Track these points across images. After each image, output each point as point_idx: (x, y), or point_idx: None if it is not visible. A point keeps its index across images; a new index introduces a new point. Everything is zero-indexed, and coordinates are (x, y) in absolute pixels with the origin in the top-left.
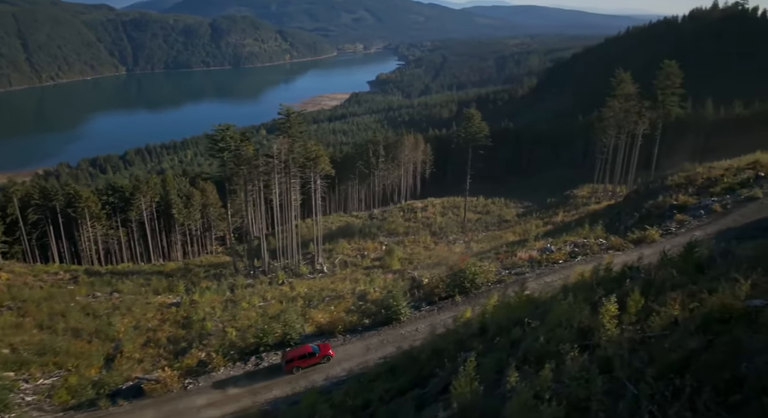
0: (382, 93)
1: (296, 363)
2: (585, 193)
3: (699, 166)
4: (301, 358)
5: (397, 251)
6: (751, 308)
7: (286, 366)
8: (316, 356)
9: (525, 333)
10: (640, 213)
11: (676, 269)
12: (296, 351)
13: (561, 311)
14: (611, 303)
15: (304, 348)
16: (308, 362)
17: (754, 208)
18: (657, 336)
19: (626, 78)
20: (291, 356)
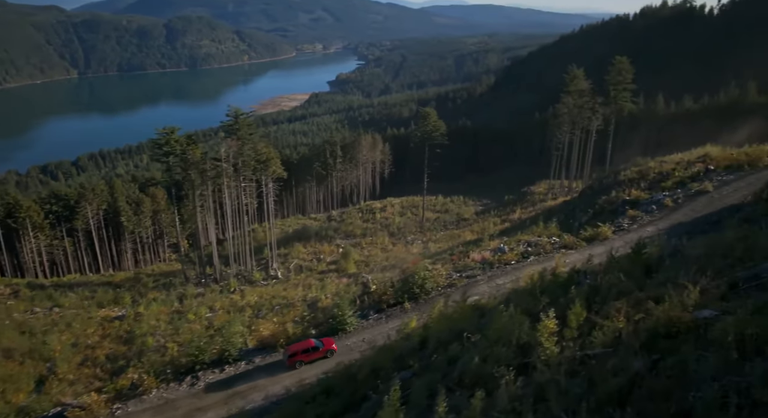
0: (342, 93)
1: (300, 358)
2: (542, 189)
3: (651, 160)
4: (305, 352)
5: (353, 253)
6: (699, 320)
7: (288, 361)
8: (320, 351)
9: (463, 349)
10: (593, 209)
11: (623, 272)
12: (299, 345)
13: (500, 325)
14: (550, 319)
15: (307, 342)
16: (312, 357)
17: (704, 201)
18: (599, 355)
19: (579, 74)
20: (294, 351)
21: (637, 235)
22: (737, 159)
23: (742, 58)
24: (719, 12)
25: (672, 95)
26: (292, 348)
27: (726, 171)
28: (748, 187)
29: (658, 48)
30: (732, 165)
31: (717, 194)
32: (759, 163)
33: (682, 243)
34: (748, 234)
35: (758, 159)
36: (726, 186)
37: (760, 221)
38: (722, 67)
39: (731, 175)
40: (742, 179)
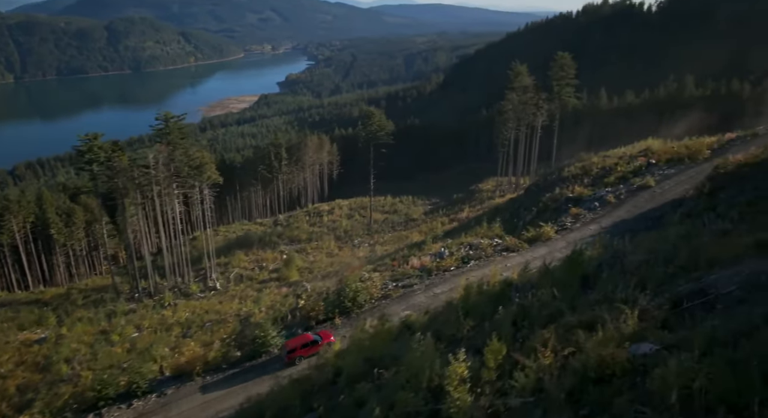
0: (292, 94)
1: (299, 353)
2: (490, 186)
3: (594, 155)
4: (304, 347)
5: (296, 260)
6: (637, 359)
7: (287, 357)
8: (319, 345)
9: (373, 389)
10: (537, 207)
11: (558, 285)
12: (297, 340)
13: (413, 361)
14: (460, 362)
15: (305, 337)
16: (311, 351)
17: (646, 197)
18: (517, 408)
19: (522, 70)
20: (293, 346)
21: (580, 234)
22: (678, 152)
23: (679, 52)
24: (657, 9)
25: (614, 90)
26: (291, 344)
27: (667, 165)
28: (689, 181)
29: (600, 44)
30: (673, 159)
31: (659, 189)
32: (699, 156)
33: (623, 245)
34: (691, 231)
35: (698, 152)
36: (667, 180)
37: (702, 216)
38: (661, 61)
39: (672, 169)
40: (682, 173)
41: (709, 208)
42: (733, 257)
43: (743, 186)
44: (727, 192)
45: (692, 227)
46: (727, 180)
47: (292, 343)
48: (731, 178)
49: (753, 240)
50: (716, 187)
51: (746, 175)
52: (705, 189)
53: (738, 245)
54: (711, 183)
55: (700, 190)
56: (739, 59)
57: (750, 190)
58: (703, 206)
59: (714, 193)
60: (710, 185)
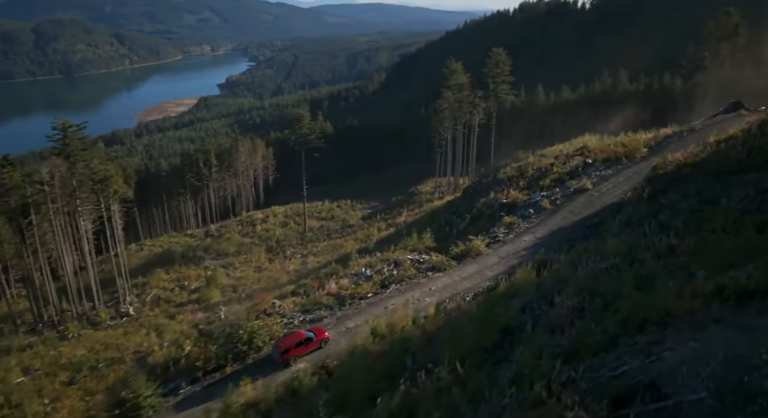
0: (233, 96)
1: (294, 353)
2: (429, 188)
3: (531, 154)
4: (299, 346)
5: (220, 277)
6: None
7: (282, 358)
8: (314, 342)
9: None
10: (471, 214)
11: (468, 348)
12: (290, 339)
13: None
14: None
15: (298, 335)
16: (306, 350)
17: (583, 201)
18: None
19: (458, 68)
20: (286, 346)
21: (514, 247)
22: (614, 151)
23: (613, 48)
24: (591, 6)
25: (551, 87)
26: (284, 344)
27: (604, 164)
28: (627, 182)
29: (536, 41)
30: (609, 158)
31: (596, 192)
32: (636, 154)
33: (555, 275)
34: (633, 245)
35: (635, 150)
36: (605, 182)
37: (642, 223)
38: (596, 58)
39: (609, 170)
40: (620, 173)
41: (650, 214)
42: (690, 313)
43: (685, 189)
44: (668, 196)
45: (633, 239)
46: (668, 182)
47: (284, 343)
48: (671, 180)
49: (713, 286)
50: (656, 191)
51: (687, 177)
52: (644, 193)
53: (695, 292)
54: (650, 186)
55: (639, 195)
56: (669, 53)
57: (693, 194)
58: (643, 213)
59: (654, 197)
60: (650, 188)
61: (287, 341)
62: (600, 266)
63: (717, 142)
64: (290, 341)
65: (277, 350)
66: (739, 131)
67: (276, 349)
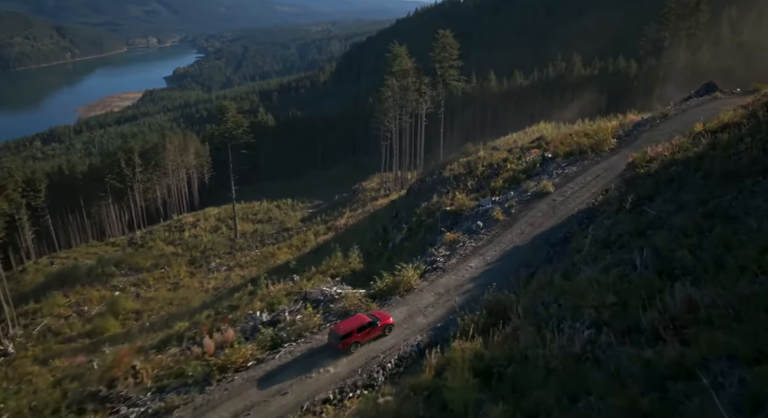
0: (180, 89)
1: (356, 338)
2: (375, 184)
3: (481, 147)
4: (361, 331)
5: (123, 302)
6: None
7: (341, 344)
8: (378, 328)
9: None
10: (410, 222)
11: None
12: (352, 323)
13: None
14: None
15: (360, 318)
16: (370, 336)
17: (544, 208)
18: None
19: (401, 52)
20: (348, 330)
21: (455, 278)
22: (578, 142)
23: (567, 32)
24: None
25: (503, 73)
26: (344, 327)
27: (566, 159)
28: (597, 183)
29: (487, 26)
30: (572, 151)
31: (559, 196)
32: (603, 146)
33: None
34: (623, 292)
35: (602, 142)
36: (569, 183)
37: (628, 246)
38: (549, 42)
39: (573, 166)
40: (587, 170)
41: (637, 232)
42: None
43: (679, 196)
44: (657, 205)
45: (618, 275)
46: (653, 185)
47: (345, 326)
48: (658, 182)
49: None
50: (641, 198)
51: (680, 178)
52: (626, 202)
53: None
54: (630, 189)
55: (618, 202)
56: (628, 36)
57: (693, 204)
58: (626, 229)
59: (639, 207)
60: (631, 194)
61: (348, 325)
62: (582, 336)
63: (711, 133)
64: (351, 324)
65: (336, 335)
66: (738, 118)
67: (335, 333)
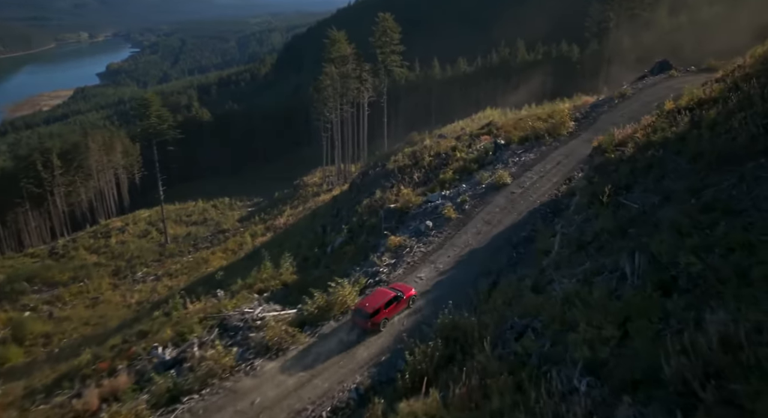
0: (114, 85)
1: (384, 314)
2: (317, 179)
3: (427, 136)
4: (389, 306)
5: (32, 324)
6: None
7: (371, 323)
8: (403, 301)
9: None
10: (351, 222)
11: None
12: (377, 298)
13: None
14: None
15: (383, 293)
16: (397, 310)
17: (502, 202)
18: None
19: (340, 37)
20: (375, 307)
21: None
22: (533, 127)
23: (509, 18)
24: None
25: (447, 60)
26: (371, 304)
27: (522, 145)
28: (559, 170)
29: (430, 14)
30: (528, 136)
31: (518, 188)
32: (561, 130)
33: None
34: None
35: (560, 125)
36: (528, 172)
37: (608, 248)
38: (493, 28)
39: (530, 153)
40: (545, 157)
41: (617, 231)
42: None
43: (663, 184)
44: (636, 196)
45: (604, 292)
46: (629, 171)
47: (371, 302)
48: (634, 168)
49: None
50: (617, 188)
51: (658, 163)
52: (603, 194)
53: None
54: (603, 178)
55: (590, 195)
56: (573, 19)
57: (683, 194)
58: (604, 226)
59: (615, 199)
60: (608, 185)
61: (374, 301)
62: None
63: (687, 110)
64: (378, 300)
65: (363, 313)
66: (717, 92)
67: (361, 312)
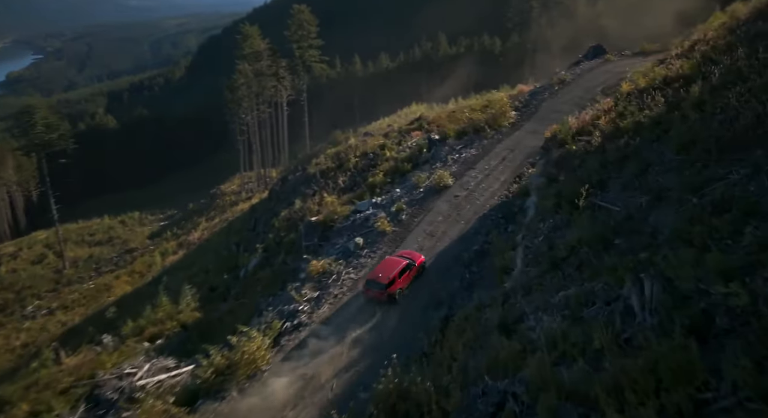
0: (15, 95)
1: (399, 284)
2: (235, 187)
3: (352, 134)
4: (402, 275)
5: None
6: None
7: (386, 295)
8: (414, 268)
9: None
10: (267, 239)
11: None
12: (389, 268)
13: None
14: None
15: (395, 262)
16: (410, 279)
17: (445, 210)
18: None
19: (253, 32)
20: (390, 276)
21: (328, 342)
22: (471, 119)
23: (431, 12)
24: None
25: (369, 56)
26: (385, 273)
27: (459, 140)
28: (504, 167)
29: (350, 10)
30: (465, 130)
31: (461, 190)
32: (502, 121)
33: None
34: None
35: (501, 115)
36: (470, 171)
37: (582, 259)
38: (414, 23)
39: (471, 148)
40: (489, 152)
41: (600, 241)
42: None
43: (646, 179)
44: (617, 196)
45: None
46: (599, 166)
47: (384, 272)
48: (605, 162)
49: None
50: (589, 187)
51: (635, 154)
52: (577, 196)
53: None
54: (567, 175)
55: (556, 195)
56: (488, 14)
57: (677, 189)
58: (581, 237)
59: (587, 199)
60: (580, 184)
61: (387, 270)
62: None
63: (654, 90)
64: (391, 269)
65: (377, 284)
66: (686, 69)
67: (375, 283)
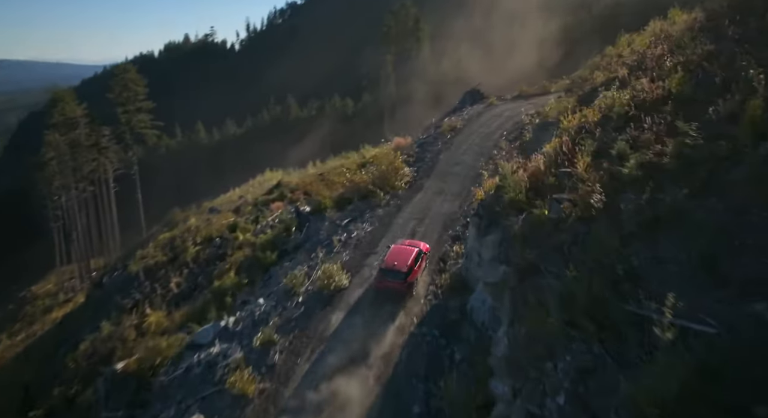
0: None
1: (415, 273)
2: (51, 286)
3: (193, 211)
4: (418, 261)
5: None
6: None
7: (405, 284)
8: (424, 257)
9: None
10: (53, 397)
11: None
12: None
13: None
14: None
15: (406, 250)
16: (422, 269)
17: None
18: None
19: (64, 96)
20: (408, 263)
21: None
22: (353, 181)
23: (277, 77)
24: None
25: (214, 123)
26: (401, 261)
27: (340, 211)
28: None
29: (188, 80)
30: (346, 196)
31: (364, 292)
32: (394, 182)
33: None
34: None
35: (393, 173)
36: (371, 257)
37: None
38: (262, 88)
39: (361, 222)
40: (388, 227)
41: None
42: None
43: None
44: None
45: None
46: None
47: (400, 260)
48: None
49: None
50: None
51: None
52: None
53: None
54: (550, 264)
55: (566, 314)
56: (335, 74)
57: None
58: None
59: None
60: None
61: (402, 258)
62: None
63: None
64: (406, 256)
65: (396, 273)
66: (674, 83)
67: (393, 272)
